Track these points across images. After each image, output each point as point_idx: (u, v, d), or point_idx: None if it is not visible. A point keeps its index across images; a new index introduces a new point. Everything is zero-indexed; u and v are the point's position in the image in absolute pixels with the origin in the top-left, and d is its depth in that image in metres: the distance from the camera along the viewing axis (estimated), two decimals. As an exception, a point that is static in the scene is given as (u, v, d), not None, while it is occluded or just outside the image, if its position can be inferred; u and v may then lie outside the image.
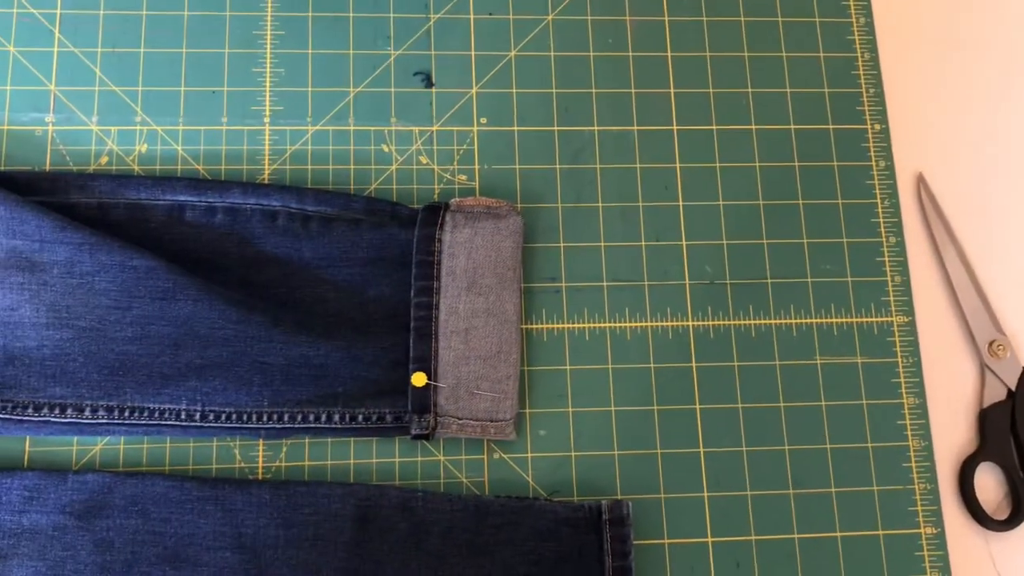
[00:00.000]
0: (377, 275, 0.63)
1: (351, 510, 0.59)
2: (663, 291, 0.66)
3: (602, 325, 0.65)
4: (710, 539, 0.62)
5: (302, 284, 0.62)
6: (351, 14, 0.69)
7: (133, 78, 0.67)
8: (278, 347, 0.60)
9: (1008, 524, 0.63)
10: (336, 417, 0.60)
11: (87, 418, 0.59)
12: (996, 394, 0.66)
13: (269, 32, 0.68)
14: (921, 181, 0.70)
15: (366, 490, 0.60)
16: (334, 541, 0.59)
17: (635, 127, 0.69)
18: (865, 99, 0.71)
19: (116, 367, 0.60)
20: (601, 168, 0.68)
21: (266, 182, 0.65)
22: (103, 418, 0.59)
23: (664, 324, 0.66)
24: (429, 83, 0.68)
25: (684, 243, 0.67)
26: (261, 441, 0.62)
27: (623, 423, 0.64)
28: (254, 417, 0.60)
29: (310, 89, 0.67)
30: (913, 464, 0.64)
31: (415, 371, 0.61)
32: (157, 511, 0.59)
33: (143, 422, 0.60)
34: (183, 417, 0.60)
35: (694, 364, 0.65)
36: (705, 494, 0.63)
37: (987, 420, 0.65)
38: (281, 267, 0.63)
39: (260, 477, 0.61)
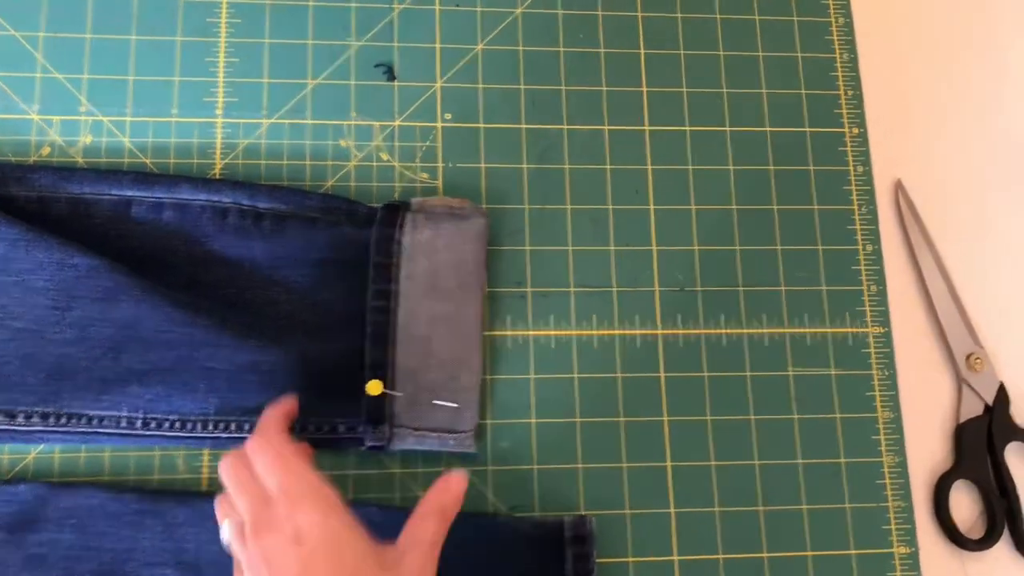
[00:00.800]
0: (332, 277, 0.60)
1: (301, 524, 0.56)
2: (632, 298, 0.64)
3: (568, 332, 0.63)
4: (676, 557, 0.60)
5: (252, 285, 0.59)
6: (310, 2, 0.66)
7: (78, 65, 0.63)
8: (225, 352, 0.57)
9: (983, 544, 0.62)
10: (285, 427, 0.57)
11: (20, 425, 0.56)
12: (973, 409, 0.64)
13: (224, 20, 0.65)
14: (899, 188, 0.67)
15: (317, 503, 0.57)
16: (282, 557, 0.56)
17: (606, 126, 0.66)
18: (843, 102, 0.68)
19: (53, 371, 0.56)
20: (570, 168, 0.65)
21: (217, 177, 0.62)
22: (38, 425, 0.56)
23: (632, 332, 0.63)
24: (391, 76, 0.65)
25: (655, 248, 0.64)
26: (207, 450, 0.58)
27: (588, 435, 0.61)
28: (199, 425, 0.57)
29: (266, 80, 0.64)
30: (887, 481, 0.62)
31: (370, 379, 0.58)
32: (94, 525, 0.56)
33: (81, 429, 0.56)
34: (123, 425, 0.57)
35: (662, 374, 0.63)
36: (672, 510, 0.61)
37: (963, 436, 0.63)
38: (231, 267, 0.59)
39: (205, 488, 0.58)
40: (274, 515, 0.47)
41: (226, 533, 0.49)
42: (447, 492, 0.51)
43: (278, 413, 0.52)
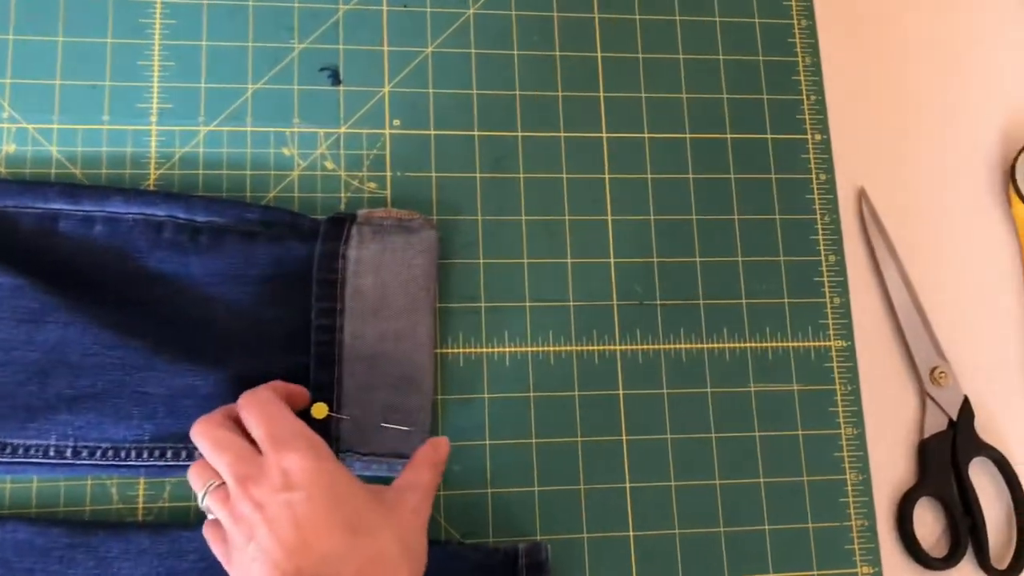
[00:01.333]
0: (274, 294, 0.57)
1: (243, 556, 0.54)
2: (589, 312, 0.61)
3: (523, 349, 0.60)
4: (636, 582, 0.58)
5: (190, 304, 0.56)
6: (250, 2, 0.62)
7: (0, 68, 0.59)
8: (160, 376, 0.54)
9: (947, 562, 0.60)
10: (225, 455, 0.54)
11: (-61, 455, 0.53)
12: (937, 424, 0.62)
13: (158, 20, 0.61)
14: (863, 196, 0.66)
15: (260, 533, 0.54)
16: (223, 591, 0.53)
17: (562, 133, 0.64)
18: (806, 107, 0.66)
19: (-26, 398, 0.53)
20: (525, 178, 0.63)
21: (151, 189, 0.59)
22: (-43, 456, 0.53)
23: (590, 348, 0.61)
24: (336, 80, 0.62)
25: (612, 260, 0.62)
26: (142, 479, 0.55)
27: (544, 456, 0.59)
28: (133, 453, 0.54)
29: (203, 85, 0.61)
30: (850, 499, 0.61)
31: (315, 401, 0.55)
32: (19, 561, 0.53)
33: (5, 460, 0.53)
34: (52, 454, 0.53)
35: (621, 391, 0.61)
36: (631, 533, 0.59)
37: (927, 451, 0.62)
38: (166, 285, 0.56)
39: (140, 519, 0.55)
40: (261, 465, 0.46)
41: (204, 499, 0.48)
42: (437, 450, 0.53)
43: (279, 386, 0.52)
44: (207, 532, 0.50)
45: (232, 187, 0.60)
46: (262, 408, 0.49)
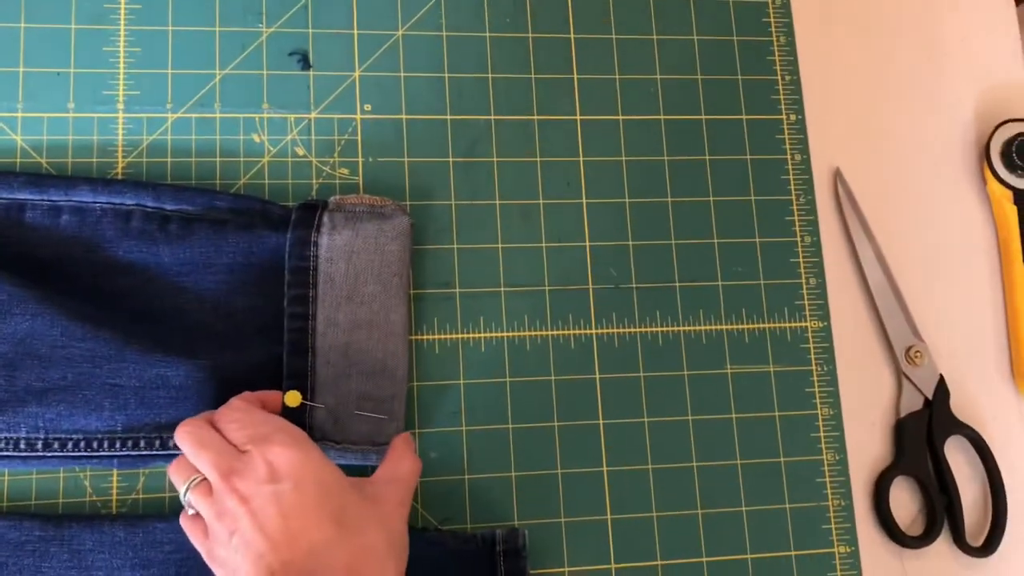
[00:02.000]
0: (246, 283, 0.56)
1: (218, 546, 0.53)
2: (565, 296, 0.61)
3: (499, 335, 0.60)
4: (613, 565, 0.58)
5: (160, 294, 0.56)
6: (217, -14, 0.61)
7: (-37, 56, 0.58)
8: (131, 367, 0.53)
9: (923, 541, 0.61)
10: (198, 444, 0.53)
11: (-93, 450, 0.52)
12: (913, 403, 0.63)
13: (123, 5, 0.60)
14: (838, 176, 0.65)
15: (235, 523, 0.54)
16: (199, 582, 0.53)
17: (535, 116, 0.63)
18: (781, 87, 0.66)
19: (-59, 392, 0.52)
20: (498, 162, 0.62)
21: (119, 177, 0.58)
22: (-74, 451, 0.52)
23: (566, 332, 0.61)
24: (306, 65, 0.61)
25: (588, 244, 0.62)
26: (115, 471, 0.55)
27: (521, 442, 0.59)
28: (105, 444, 0.53)
29: (170, 71, 0.60)
30: (827, 479, 0.61)
31: (288, 389, 0.55)
32: (-8, 555, 0.52)
33: (-26, 454, 0.52)
34: (23, 447, 0.53)
35: (597, 376, 0.60)
36: (608, 516, 0.59)
37: (903, 431, 0.62)
38: (136, 275, 0.55)
39: (114, 511, 0.55)
40: (245, 461, 0.46)
41: (186, 494, 0.48)
42: (411, 442, 0.53)
43: (250, 395, 0.52)
44: (185, 524, 0.49)
45: (201, 175, 0.59)
46: (240, 413, 0.49)
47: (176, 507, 0.54)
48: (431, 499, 0.57)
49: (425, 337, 0.59)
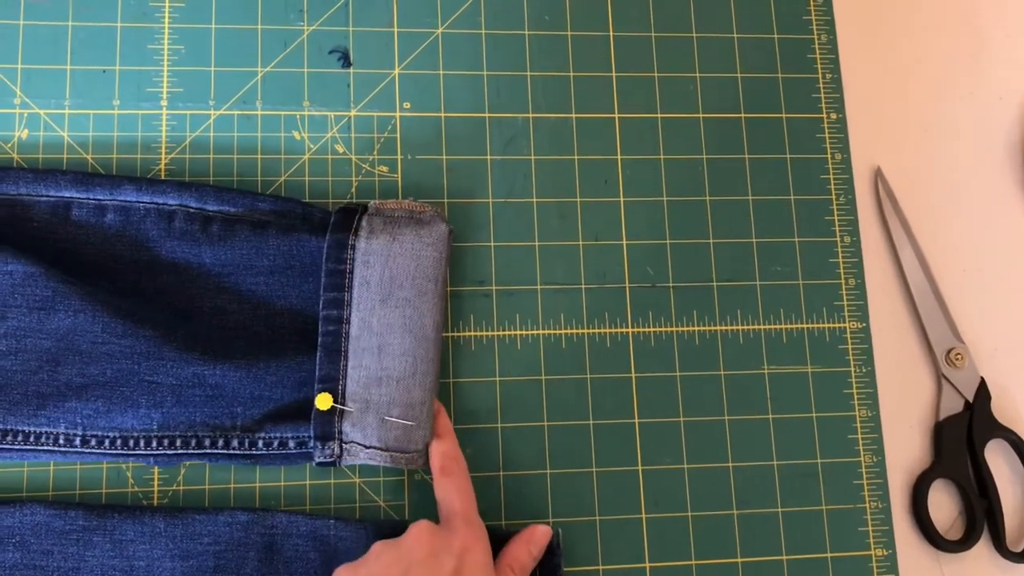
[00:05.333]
0: (284, 285, 0.57)
1: (256, 539, 0.54)
2: (601, 295, 0.61)
3: (535, 332, 0.60)
4: (648, 564, 0.58)
5: (200, 294, 0.56)
6: (259, -16, 0.62)
7: (11, 55, 0.59)
8: (169, 365, 0.54)
9: (962, 545, 0.60)
10: (234, 442, 0.54)
11: (-45, 441, 0.53)
12: (953, 406, 0.62)
13: (167, 4, 0.61)
14: (879, 176, 0.65)
15: (272, 517, 0.55)
16: (237, 573, 0.54)
17: (573, 114, 0.63)
18: (822, 85, 0.65)
19: (-13, 385, 0.53)
20: (536, 159, 0.62)
21: (163, 174, 0.59)
22: (-28, 442, 0.53)
23: (602, 331, 0.61)
24: (347, 63, 0.62)
25: (625, 242, 0.62)
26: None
27: (556, 439, 0.59)
28: (141, 442, 0.54)
29: (213, 68, 0.61)
30: (864, 481, 0.60)
31: (320, 392, 0.55)
32: (38, 543, 0.53)
33: (17, 447, 0.54)
34: (62, 442, 0.54)
35: (633, 374, 0.60)
36: (643, 515, 0.59)
37: (943, 433, 0.61)
38: (177, 274, 0.56)
39: (155, 502, 0.56)
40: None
41: None
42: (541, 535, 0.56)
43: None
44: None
45: (243, 172, 0.59)
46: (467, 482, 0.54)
47: (216, 499, 0.56)
48: (466, 495, 0.57)
49: (461, 334, 0.60)
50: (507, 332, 0.60)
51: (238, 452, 0.54)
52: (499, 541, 0.55)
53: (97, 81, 0.60)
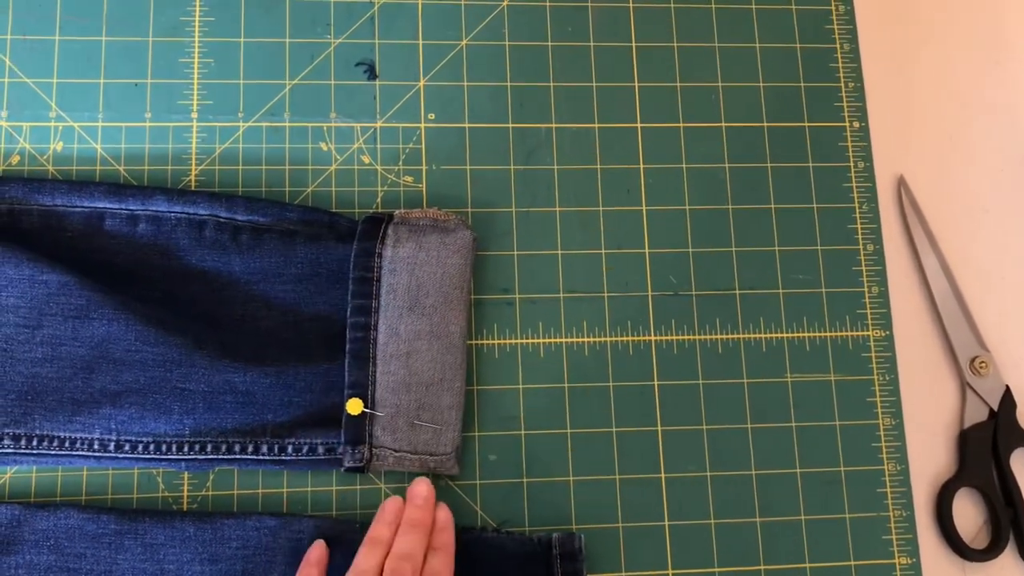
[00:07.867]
0: (313, 292, 0.58)
1: (283, 544, 0.55)
2: (624, 303, 0.61)
3: (558, 340, 0.61)
4: (671, 571, 0.58)
5: (231, 301, 0.57)
6: (287, -1, 0.63)
7: (47, 69, 0.61)
8: (200, 372, 0.55)
9: (987, 554, 0.60)
10: (264, 448, 0.55)
11: (-8, 446, 0.55)
12: (977, 414, 0.62)
13: (197, 18, 0.63)
14: (902, 184, 0.65)
15: (300, 522, 0.56)
16: (265, 577, 0.55)
17: (596, 124, 0.64)
18: (844, 94, 0.66)
19: (24, 391, 0.55)
20: (559, 169, 0.63)
21: (193, 185, 0.60)
22: (9, 447, 0.55)
23: (624, 339, 0.61)
24: (372, 75, 0.63)
25: (647, 251, 0.62)
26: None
27: (579, 447, 0.59)
28: (174, 448, 0.55)
29: (242, 81, 0.62)
30: (888, 489, 0.60)
31: (350, 397, 0.56)
32: (71, 546, 0.54)
33: (53, 452, 0.55)
34: (96, 448, 0.55)
35: (656, 382, 0.61)
36: (666, 523, 0.59)
37: (967, 442, 0.61)
38: (208, 283, 0.58)
39: (185, 507, 0.57)
40: None
41: None
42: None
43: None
44: None
45: (271, 181, 0.61)
46: None
47: (244, 504, 0.57)
48: (490, 501, 0.58)
49: (485, 342, 0.60)
50: (530, 340, 0.61)
51: (268, 457, 0.55)
52: (521, 545, 0.56)
53: (129, 94, 0.61)
